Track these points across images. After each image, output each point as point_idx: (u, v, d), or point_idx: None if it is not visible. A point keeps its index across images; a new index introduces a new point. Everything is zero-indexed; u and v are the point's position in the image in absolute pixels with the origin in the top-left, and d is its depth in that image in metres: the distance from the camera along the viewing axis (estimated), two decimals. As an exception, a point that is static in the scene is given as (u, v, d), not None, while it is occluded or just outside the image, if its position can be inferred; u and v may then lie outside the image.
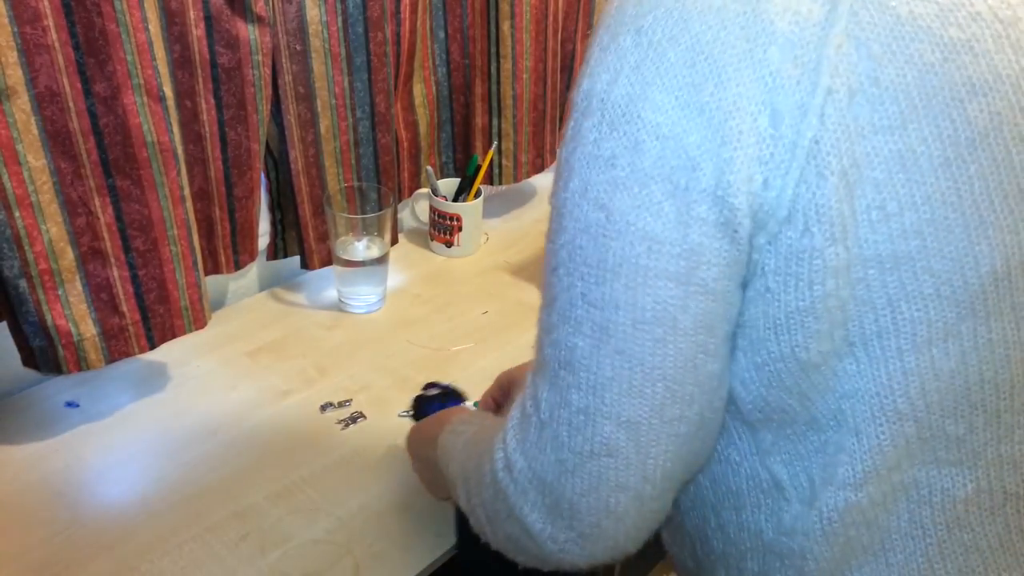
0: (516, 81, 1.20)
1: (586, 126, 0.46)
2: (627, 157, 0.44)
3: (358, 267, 1.09)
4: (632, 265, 0.45)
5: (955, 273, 0.45)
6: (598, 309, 0.47)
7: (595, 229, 0.46)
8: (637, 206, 0.44)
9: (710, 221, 0.44)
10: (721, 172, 0.43)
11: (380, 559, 0.78)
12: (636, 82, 0.44)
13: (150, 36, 0.77)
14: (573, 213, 0.47)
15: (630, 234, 0.45)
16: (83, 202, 0.79)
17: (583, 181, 0.46)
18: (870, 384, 0.48)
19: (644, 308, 0.46)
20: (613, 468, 0.48)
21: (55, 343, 0.82)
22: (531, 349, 0.99)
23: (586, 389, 0.48)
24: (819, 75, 0.41)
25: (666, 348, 0.46)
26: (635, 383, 0.47)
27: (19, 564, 0.75)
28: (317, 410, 0.95)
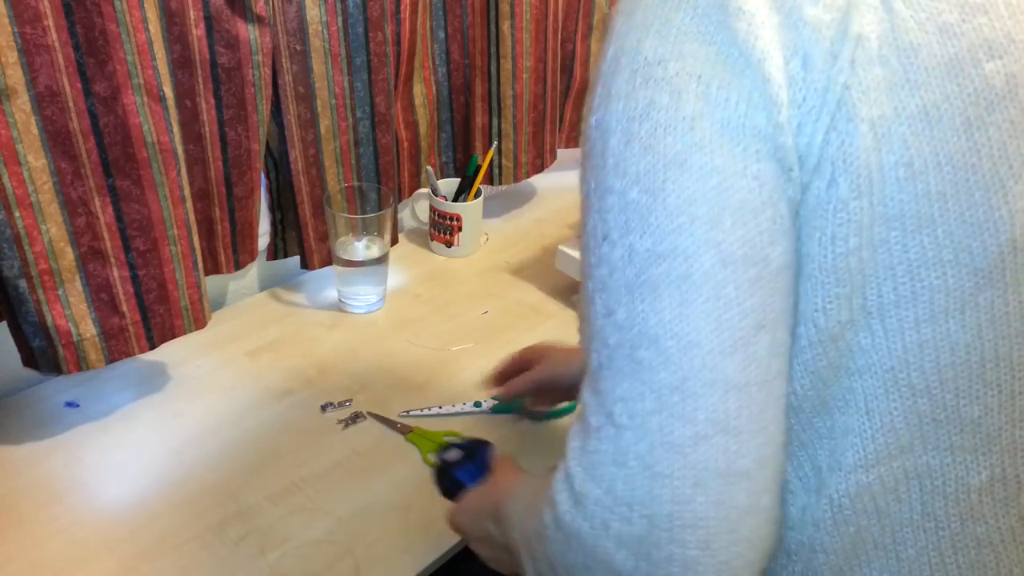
0: (516, 81, 1.20)
1: (617, 83, 0.44)
2: (667, 100, 0.42)
3: (358, 267, 1.09)
4: (705, 202, 0.42)
5: (975, 239, 0.45)
6: (677, 260, 0.42)
7: (648, 175, 0.43)
8: (691, 144, 0.42)
9: (770, 155, 0.42)
10: (768, 112, 0.42)
11: (380, 559, 0.78)
12: (667, 34, 0.43)
13: (150, 36, 0.77)
14: (618, 169, 0.43)
15: (693, 171, 0.42)
16: (83, 202, 0.79)
17: (624, 135, 0.43)
18: (884, 358, 0.46)
19: (731, 245, 0.42)
20: (724, 450, 0.42)
21: (55, 343, 0.82)
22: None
23: (678, 359, 0.42)
24: (849, 23, 0.42)
25: (763, 288, 0.42)
26: (739, 334, 0.42)
27: (19, 564, 0.75)
28: (317, 410, 0.95)
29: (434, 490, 0.85)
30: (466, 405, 0.96)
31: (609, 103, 0.44)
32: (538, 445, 0.92)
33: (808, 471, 0.50)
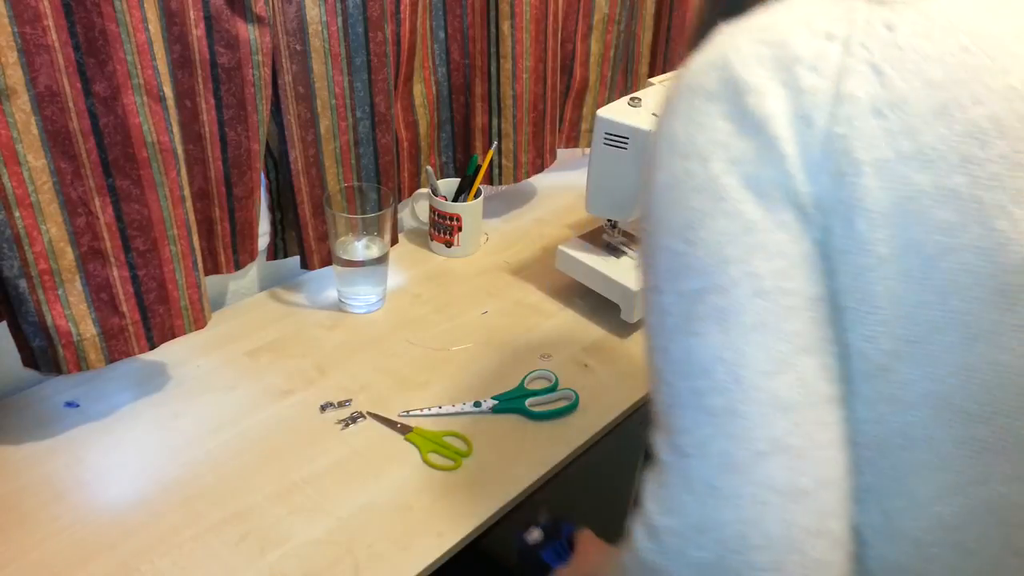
0: (516, 81, 1.20)
1: (659, 160, 0.51)
2: (696, 166, 0.48)
3: (358, 267, 1.09)
4: (735, 242, 0.47)
5: (990, 262, 0.47)
6: (715, 294, 0.47)
7: (688, 228, 0.48)
8: (718, 197, 0.47)
9: (786, 202, 0.47)
10: (781, 165, 0.47)
11: (380, 559, 0.78)
12: (694, 117, 0.49)
13: (150, 36, 0.77)
14: (663, 227, 0.49)
15: (723, 217, 0.47)
16: (83, 202, 0.79)
17: (666, 201, 0.50)
18: (934, 386, 0.47)
19: (764, 278, 0.46)
20: (783, 468, 0.44)
21: (55, 343, 0.82)
22: (530, 348, 1.00)
23: (728, 383, 0.45)
24: (841, 85, 0.47)
25: (801, 315, 0.46)
26: (783, 356, 0.45)
27: (19, 564, 0.75)
28: (317, 410, 0.95)
29: (436, 493, 0.85)
30: (466, 405, 0.96)
31: (651, 178, 0.51)
32: (538, 445, 0.92)
33: (877, 517, 0.50)
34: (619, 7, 1.34)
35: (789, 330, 0.46)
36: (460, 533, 0.81)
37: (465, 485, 0.86)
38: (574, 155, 1.56)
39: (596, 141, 1.03)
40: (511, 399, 0.97)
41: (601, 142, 1.03)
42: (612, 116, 1.01)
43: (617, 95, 1.44)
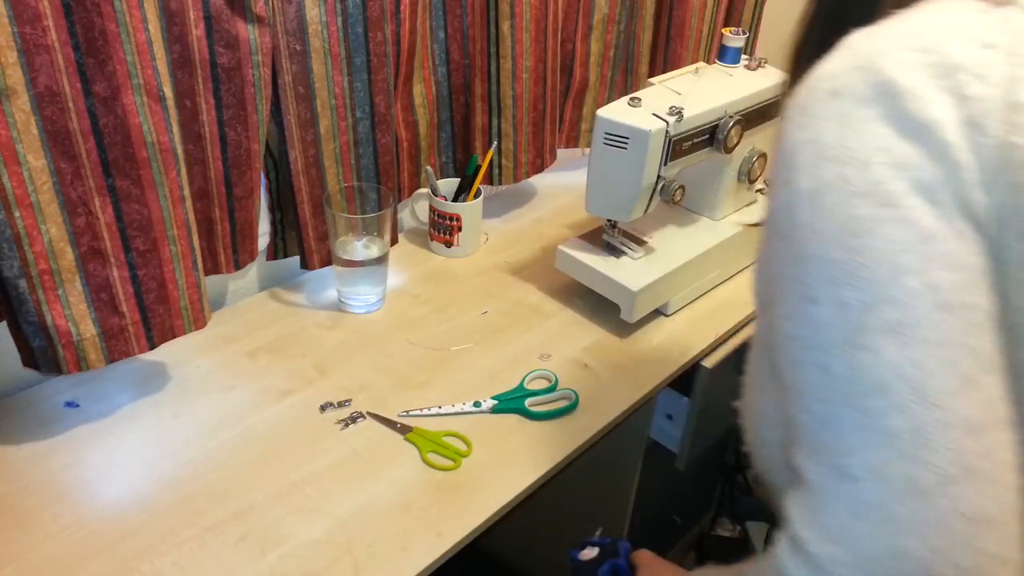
0: (516, 81, 1.20)
1: (800, 168, 0.49)
2: (854, 171, 0.46)
3: (358, 267, 1.09)
4: (911, 250, 0.44)
5: None
6: (891, 307, 0.44)
7: (849, 235, 0.46)
8: (887, 203, 0.45)
9: (961, 213, 0.45)
10: (955, 173, 0.45)
11: (380, 559, 0.78)
12: (845, 122, 0.47)
13: (150, 36, 0.77)
14: (814, 235, 0.47)
15: (894, 222, 0.45)
16: (83, 202, 0.79)
17: (814, 207, 0.47)
18: None
19: (945, 291, 0.44)
20: (972, 493, 0.41)
21: (55, 343, 0.82)
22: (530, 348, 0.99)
23: (910, 402, 0.42)
24: (1014, 94, 0.45)
25: (983, 330, 0.44)
26: (968, 374, 0.43)
27: (19, 564, 0.75)
28: (317, 410, 0.95)
29: (436, 493, 0.85)
30: (466, 405, 0.96)
31: (792, 185, 0.49)
32: (538, 445, 0.92)
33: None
34: (619, 7, 1.34)
35: (973, 346, 0.44)
36: (460, 533, 0.81)
37: (465, 485, 0.86)
38: (574, 155, 1.56)
39: (596, 141, 1.03)
40: (511, 399, 0.97)
41: (601, 142, 1.03)
42: (612, 116, 1.01)
43: (617, 95, 1.44)
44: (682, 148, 1.04)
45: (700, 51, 1.49)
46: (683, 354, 1.07)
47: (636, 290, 1.06)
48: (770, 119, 1.19)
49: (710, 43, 1.51)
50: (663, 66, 1.46)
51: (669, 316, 1.15)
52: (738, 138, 1.10)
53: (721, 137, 1.08)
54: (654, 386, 1.02)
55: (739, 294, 1.21)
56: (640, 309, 1.09)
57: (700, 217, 1.24)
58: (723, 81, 1.14)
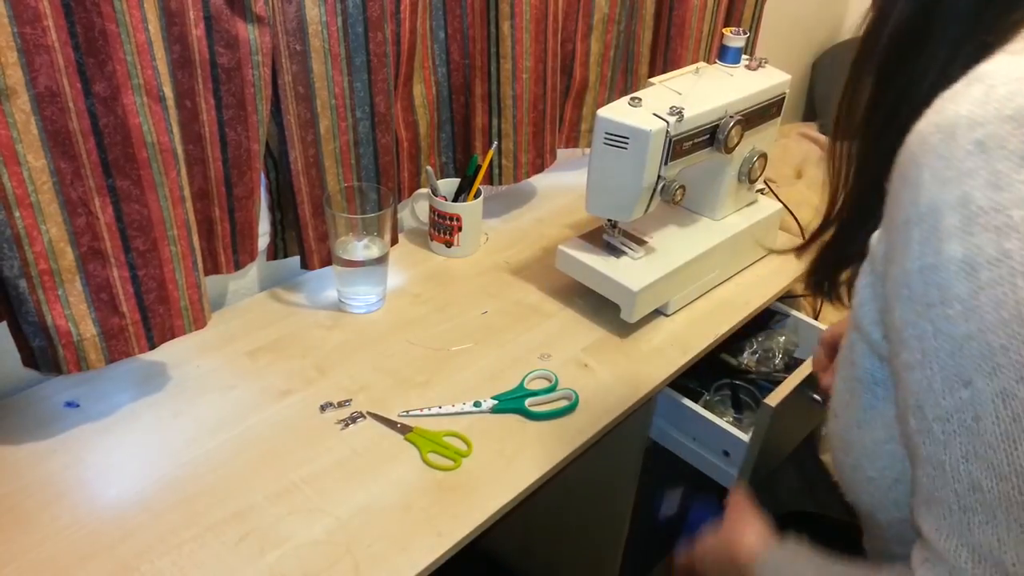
0: (516, 81, 1.20)
1: (946, 230, 0.44)
2: (1017, 246, 0.43)
3: (358, 267, 1.09)
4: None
5: None
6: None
7: (1016, 321, 0.43)
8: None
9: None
10: None
11: (380, 559, 0.78)
12: (1000, 183, 0.43)
13: (150, 36, 0.77)
14: (972, 314, 0.44)
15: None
16: (83, 202, 0.79)
17: (971, 282, 0.44)
18: None
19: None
20: None
21: (55, 343, 0.82)
22: (530, 348, 0.99)
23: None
24: None
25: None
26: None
27: (19, 564, 0.75)
28: (317, 410, 0.95)
29: (436, 493, 0.85)
30: (466, 405, 0.96)
31: (941, 250, 0.44)
32: (538, 445, 0.92)
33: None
34: (619, 7, 1.34)
35: None
36: (460, 533, 0.81)
37: (465, 485, 0.86)
38: (574, 155, 1.56)
39: (596, 141, 1.03)
40: (511, 399, 0.97)
41: (601, 142, 1.03)
42: (612, 116, 1.01)
43: (617, 95, 1.44)
44: (682, 148, 1.04)
45: (700, 51, 1.49)
46: (683, 354, 1.07)
47: (636, 290, 1.06)
48: (770, 119, 1.19)
49: (710, 43, 1.51)
50: (663, 66, 1.46)
51: (669, 316, 1.15)
52: (738, 138, 1.10)
53: (721, 137, 1.08)
54: (654, 386, 1.02)
55: (739, 294, 1.21)
56: (640, 309, 1.09)
57: (700, 217, 1.24)
58: (723, 81, 1.14)
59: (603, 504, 1.27)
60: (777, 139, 1.27)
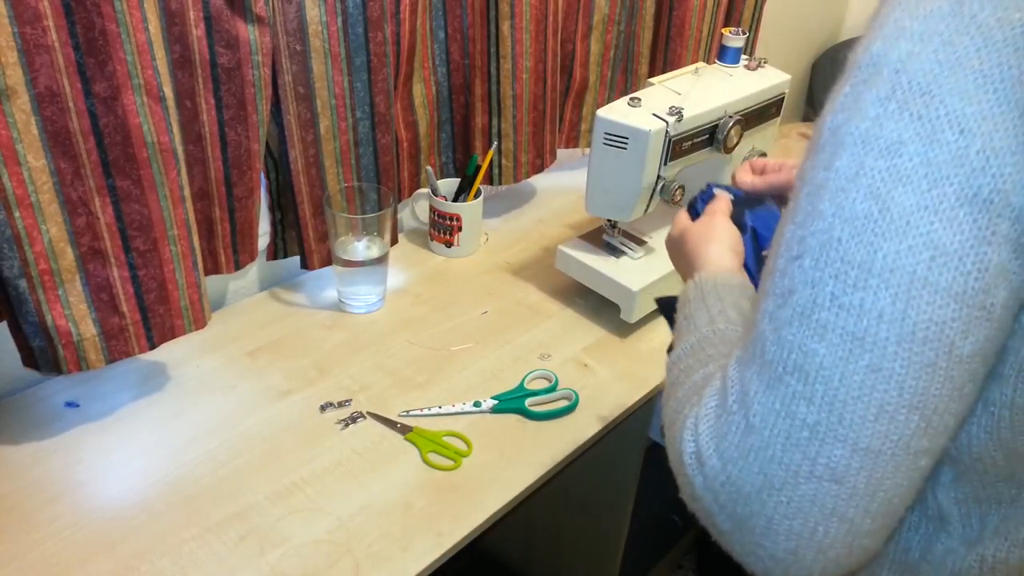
0: (516, 81, 1.20)
1: (868, 97, 0.41)
2: (918, 146, 0.39)
3: (358, 267, 1.09)
4: (907, 274, 0.40)
5: None
6: (853, 316, 0.41)
7: (863, 223, 0.41)
8: (924, 207, 0.39)
9: (1011, 240, 0.39)
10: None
11: (380, 559, 0.78)
12: (945, 60, 0.39)
13: (150, 36, 0.77)
14: (836, 198, 0.42)
15: (910, 237, 0.40)
16: (83, 202, 0.79)
17: (855, 163, 0.41)
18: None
19: (916, 325, 0.40)
20: (833, 496, 0.43)
21: (55, 343, 0.82)
22: (530, 348, 0.99)
23: (820, 404, 0.42)
24: None
25: (935, 374, 0.41)
26: (887, 408, 0.41)
27: (19, 564, 0.75)
28: (317, 410, 0.95)
29: (436, 493, 0.85)
30: (466, 405, 0.96)
31: (852, 115, 0.42)
32: (538, 445, 0.92)
33: (974, 523, 0.49)
34: (619, 7, 1.34)
35: (911, 386, 0.42)
36: (460, 533, 0.81)
37: (465, 485, 0.86)
38: (574, 155, 1.56)
39: (596, 141, 1.03)
40: (511, 399, 0.97)
41: (601, 142, 1.03)
42: (612, 116, 1.01)
43: (617, 95, 1.44)
44: (682, 148, 1.05)
45: (700, 51, 1.49)
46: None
47: (636, 290, 1.06)
48: (770, 119, 1.19)
49: (710, 43, 1.51)
50: (663, 66, 1.46)
51: (669, 316, 1.15)
52: (738, 138, 1.10)
53: (721, 137, 1.08)
54: (654, 386, 1.02)
55: (739, 294, 1.21)
56: (640, 309, 1.09)
57: (700, 217, 1.24)
58: (723, 81, 1.14)
59: (603, 504, 1.27)
60: (777, 139, 1.27)
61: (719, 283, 0.64)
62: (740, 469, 0.45)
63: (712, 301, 0.61)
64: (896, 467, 0.42)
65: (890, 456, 0.42)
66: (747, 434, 0.45)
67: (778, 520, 0.44)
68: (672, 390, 0.56)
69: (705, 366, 0.55)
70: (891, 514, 0.44)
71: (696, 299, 0.63)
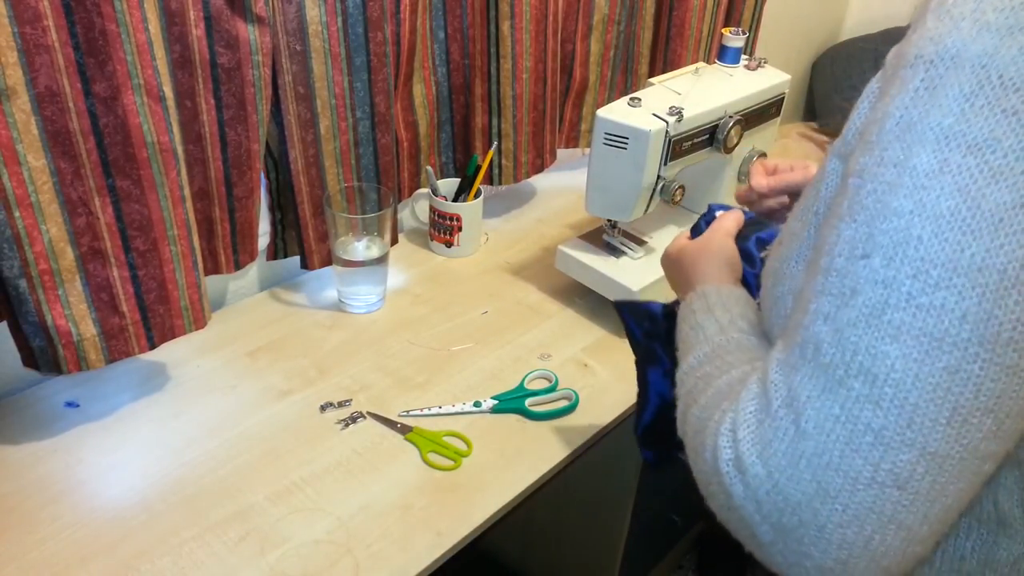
0: (516, 81, 1.20)
1: (950, 93, 0.40)
2: (1013, 142, 0.38)
3: (358, 267, 1.09)
4: (997, 273, 0.38)
5: None
6: (933, 316, 0.39)
7: (949, 220, 0.39)
8: (1019, 204, 0.38)
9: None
10: None
11: (380, 559, 0.78)
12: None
13: (150, 36, 0.77)
14: (915, 195, 0.40)
15: (1002, 236, 0.38)
16: (83, 202, 0.79)
17: (938, 159, 0.39)
18: None
19: (1001, 326, 0.39)
20: (893, 502, 0.41)
21: (55, 343, 0.82)
22: (530, 348, 0.99)
23: (888, 408, 0.40)
24: None
25: (1013, 377, 0.40)
26: (961, 411, 0.40)
27: (19, 564, 0.75)
28: (317, 410, 0.95)
29: (436, 493, 0.85)
30: (466, 405, 0.96)
31: (931, 110, 0.40)
32: (538, 445, 0.92)
33: None
34: (619, 7, 1.34)
35: (988, 388, 0.40)
36: (460, 533, 0.81)
37: (465, 485, 0.86)
38: (574, 155, 1.56)
39: (596, 141, 1.04)
40: (511, 399, 0.97)
41: (601, 142, 1.03)
42: (612, 116, 1.01)
43: (617, 95, 1.44)
44: (682, 148, 1.05)
45: (700, 51, 1.49)
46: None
47: (636, 290, 1.06)
48: (770, 119, 1.19)
49: (710, 43, 1.51)
50: (663, 66, 1.46)
51: (669, 316, 1.15)
52: (738, 138, 1.10)
53: (721, 137, 1.08)
54: (654, 386, 1.02)
55: (739, 294, 1.21)
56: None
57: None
58: (723, 81, 1.14)
59: (603, 504, 1.27)
60: (777, 139, 1.27)
61: (724, 294, 0.64)
62: (789, 477, 0.43)
63: (720, 312, 0.61)
64: (962, 471, 0.41)
65: (958, 460, 0.41)
66: (798, 440, 0.43)
67: (831, 529, 0.42)
68: (691, 399, 0.55)
69: (727, 372, 0.54)
70: (947, 520, 0.43)
71: (702, 310, 0.62)
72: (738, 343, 0.57)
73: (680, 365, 0.60)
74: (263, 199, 1.07)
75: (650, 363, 0.79)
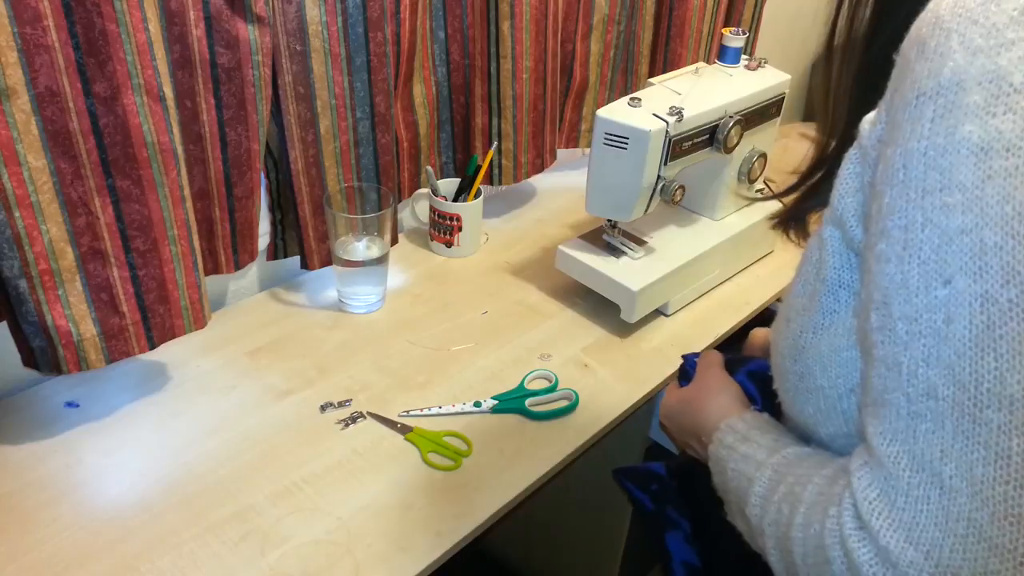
0: (516, 81, 1.20)
1: (970, 110, 0.40)
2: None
3: (358, 267, 1.09)
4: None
5: None
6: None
7: (1016, 220, 0.38)
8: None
9: None
10: None
11: (380, 559, 0.78)
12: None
13: (150, 36, 0.77)
14: (973, 208, 0.40)
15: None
16: (83, 202, 0.79)
17: (982, 168, 0.39)
18: None
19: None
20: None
21: (55, 343, 0.82)
22: (530, 348, 0.99)
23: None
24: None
25: None
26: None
27: (19, 564, 0.75)
28: (317, 410, 0.95)
29: (436, 493, 0.85)
30: (466, 405, 0.96)
31: (955, 130, 0.40)
32: (538, 445, 0.92)
33: None
34: (619, 7, 1.34)
35: None
36: (460, 533, 0.81)
37: (465, 485, 0.86)
38: (574, 155, 1.56)
39: (596, 141, 1.03)
40: (511, 399, 0.97)
41: (601, 142, 1.03)
42: (612, 116, 1.01)
43: (617, 95, 1.44)
44: (682, 148, 1.05)
45: (700, 51, 1.49)
46: (683, 354, 1.07)
47: (636, 290, 1.06)
48: (770, 119, 1.19)
49: (710, 43, 1.51)
50: (663, 66, 1.46)
51: (669, 316, 1.15)
52: (738, 138, 1.10)
53: (721, 137, 1.08)
54: (654, 386, 1.02)
55: (739, 294, 1.21)
56: (640, 309, 1.09)
57: (700, 217, 1.24)
58: (723, 81, 1.14)
59: (603, 505, 1.27)
60: (777, 139, 1.27)
61: (749, 420, 0.62)
62: (952, 547, 0.39)
63: (758, 436, 0.59)
64: None
65: None
66: (948, 501, 0.40)
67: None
68: (784, 523, 0.50)
69: (811, 481, 0.50)
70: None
71: (739, 441, 0.60)
72: (797, 455, 0.55)
73: (747, 501, 0.55)
74: (263, 199, 1.07)
75: (666, 530, 0.74)
